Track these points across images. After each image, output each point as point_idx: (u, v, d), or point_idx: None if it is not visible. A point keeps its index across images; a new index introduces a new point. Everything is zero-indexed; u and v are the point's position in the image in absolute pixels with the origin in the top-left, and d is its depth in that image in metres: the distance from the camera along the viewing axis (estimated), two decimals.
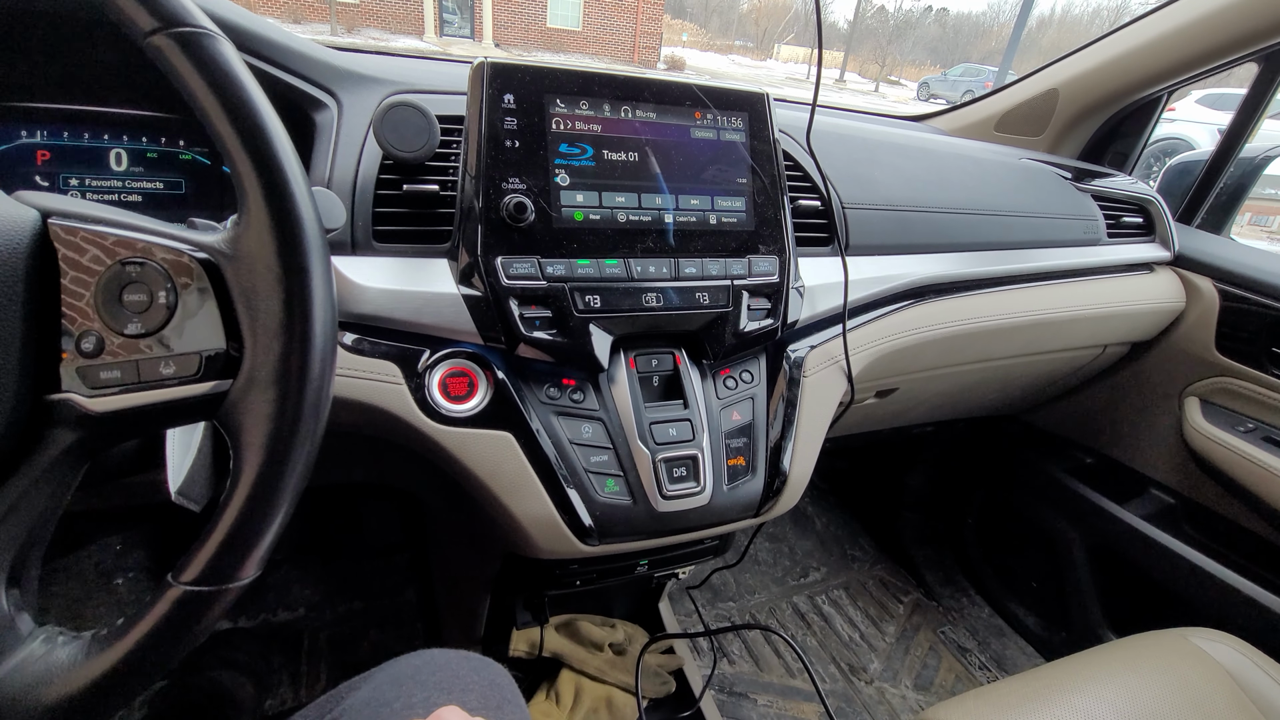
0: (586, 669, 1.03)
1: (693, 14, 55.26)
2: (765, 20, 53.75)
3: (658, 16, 19.88)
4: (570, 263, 0.62)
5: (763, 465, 0.71)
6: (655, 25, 19.80)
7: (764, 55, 45.03)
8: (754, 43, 50.93)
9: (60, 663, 0.34)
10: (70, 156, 0.67)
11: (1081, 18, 57.29)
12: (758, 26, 53.74)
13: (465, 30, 17.75)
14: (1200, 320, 1.16)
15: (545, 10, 18.33)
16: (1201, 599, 1.14)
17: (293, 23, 15.66)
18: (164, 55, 0.33)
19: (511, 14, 18.01)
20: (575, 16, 18.79)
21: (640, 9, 19.04)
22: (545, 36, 18.59)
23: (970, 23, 59.09)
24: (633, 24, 19.31)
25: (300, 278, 0.35)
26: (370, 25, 16.62)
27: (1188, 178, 1.30)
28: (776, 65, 39.77)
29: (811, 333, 0.78)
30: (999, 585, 1.60)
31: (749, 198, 0.70)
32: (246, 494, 0.35)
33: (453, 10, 17.52)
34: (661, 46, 21.42)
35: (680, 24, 47.07)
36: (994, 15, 58.45)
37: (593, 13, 18.89)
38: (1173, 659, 0.78)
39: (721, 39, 50.25)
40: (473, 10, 17.46)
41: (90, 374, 0.35)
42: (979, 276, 0.94)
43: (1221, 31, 1.05)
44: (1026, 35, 8.88)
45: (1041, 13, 55.83)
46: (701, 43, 44.69)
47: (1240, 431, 1.11)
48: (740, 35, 53.42)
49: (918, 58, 49.04)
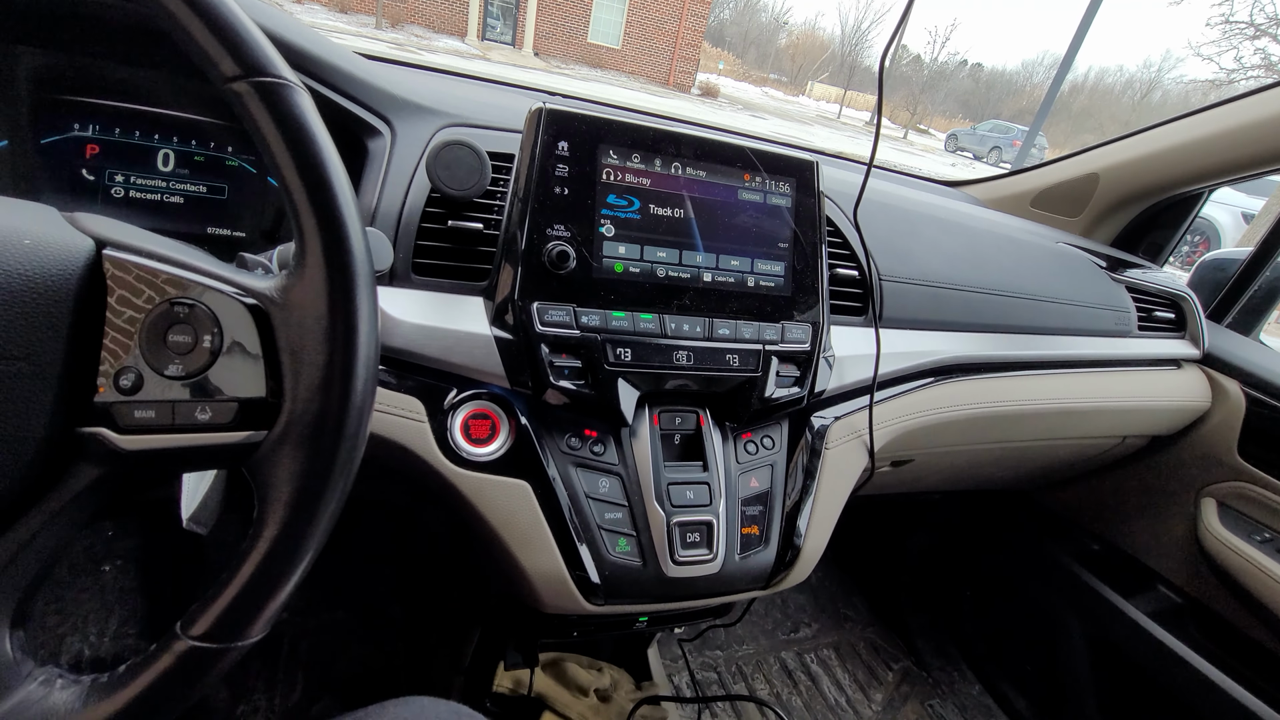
0: (569, 714, 1.00)
1: (731, 44, 56.10)
2: (801, 57, 54.47)
3: (697, 43, 20.16)
4: (605, 314, 0.61)
5: (776, 536, 0.69)
6: (694, 51, 20.07)
7: (797, 91, 45.56)
8: (788, 77, 51.57)
9: (57, 708, 0.33)
10: (118, 153, 0.67)
11: (1114, 86, 57.82)
12: (793, 62, 54.46)
13: (507, 37, 18.03)
14: (1225, 422, 1.14)
15: (587, 25, 18.62)
16: (1203, 707, 1.11)
17: (339, 13, 15.94)
18: (243, 101, 0.33)
19: (554, 25, 18.29)
20: (616, 35, 19.07)
21: (680, 34, 19.31)
22: (585, 51, 18.86)
23: (1003, 80, 59.73)
24: (672, 47, 19.58)
25: (348, 334, 0.35)
26: (414, 22, 16.90)
27: (1221, 274, 1.29)
28: (808, 101, 40.20)
29: (837, 403, 0.77)
30: (992, 662, 1.57)
31: (788, 263, 0.69)
32: (266, 550, 0.34)
33: (497, 15, 17.82)
34: (698, 73, 21.69)
35: (718, 52, 47.76)
36: (1027, 76, 59.10)
37: (634, 33, 19.17)
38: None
39: (757, 70, 50.90)
40: (516, 18, 17.76)
41: (124, 411, 0.34)
42: (1009, 360, 0.93)
43: (1269, 140, 1.05)
44: (1059, 98, 8.93)
45: (1075, 78, 56.34)
46: (737, 73, 45.25)
47: (1256, 540, 1.09)
48: (775, 69, 54.13)
49: (949, 109, 49.54)
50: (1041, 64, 58.64)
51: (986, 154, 22.15)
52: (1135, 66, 63.02)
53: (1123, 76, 58.79)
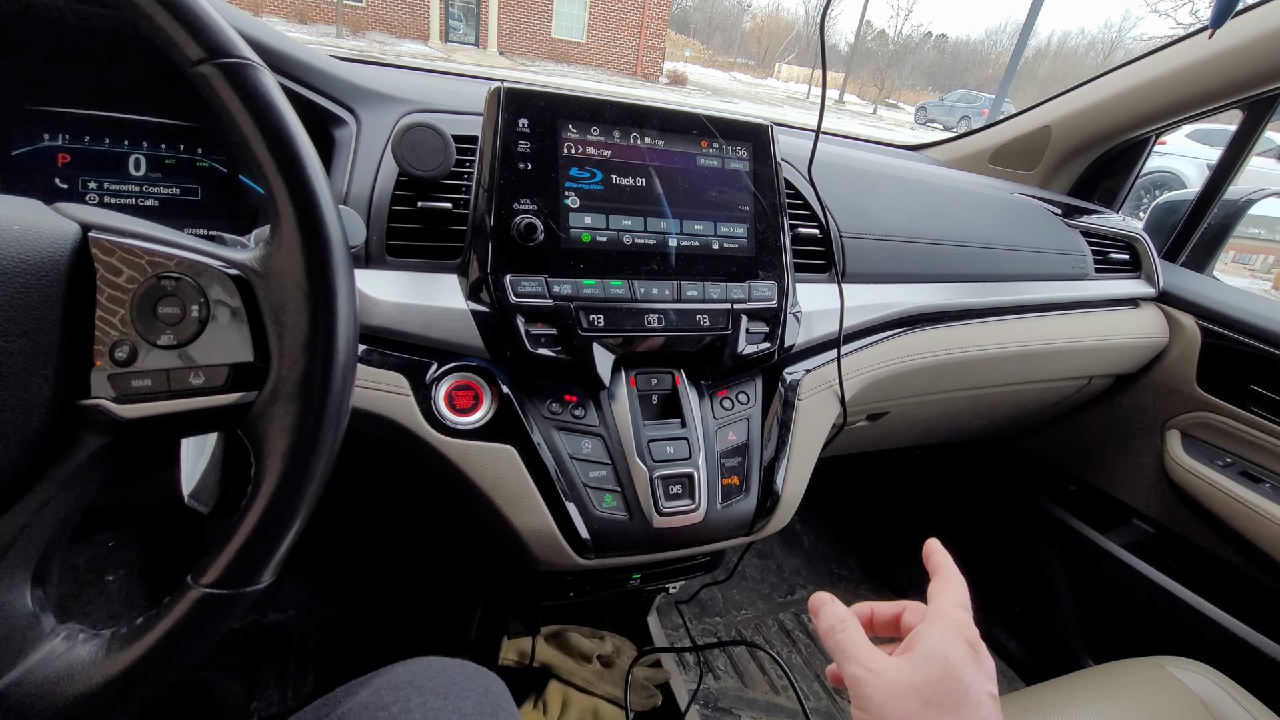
0: (574, 680, 1.04)
1: (696, 30, 55.90)
2: (767, 39, 54.43)
3: (661, 32, 20.10)
4: (576, 282, 0.63)
5: (756, 485, 0.73)
6: (659, 40, 20.01)
7: (765, 73, 45.56)
8: (755, 61, 51.53)
9: (81, 660, 0.35)
10: (90, 161, 0.68)
11: (1076, 50, 58.39)
12: (759, 45, 54.41)
13: (470, 37, 17.87)
14: (1182, 356, 1.19)
15: (550, 21, 18.51)
16: (1179, 628, 1.16)
17: (299, 23, 15.71)
18: (208, 84, 0.35)
19: (517, 22, 18.16)
20: (580, 28, 18.98)
21: (644, 24, 19.25)
22: (550, 47, 18.75)
23: (968, 50, 60.06)
24: (636, 38, 19.52)
25: (327, 296, 0.37)
26: (376, 29, 16.70)
27: (1174, 216, 1.34)
28: (777, 84, 40.20)
29: (807, 357, 0.80)
30: (982, 609, 1.62)
31: (750, 224, 0.72)
32: (267, 501, 0.37)
33: (458, 17, 17.65)
34: (664, 61, 21.64)
35: (683, 40, 47.60)
36: (991, 43, 59.46)
37: (598, 25, 19.08)
38: (1149, 687, 0.80)
39: (724, 56, 50.82)
40: (478, 18, 17.60)
41: (122, 382, 0.36)
42: (970, 307, 0.97)
43: (1209, 79, 1.09)
44: (1023, 65, 9.07)
45: (1038, 43, 56.89)
46: (704, 59, 45.17)
47: (1219, 465, 1.14)
48: (742, 53, 54.06)
49: (916, 82, 49.77)
50: (1004, 31, 59.02)
51: (956, 124, 22.30)
52: (1096, 28, 63.63)
53: (1085, 39, 59.43)
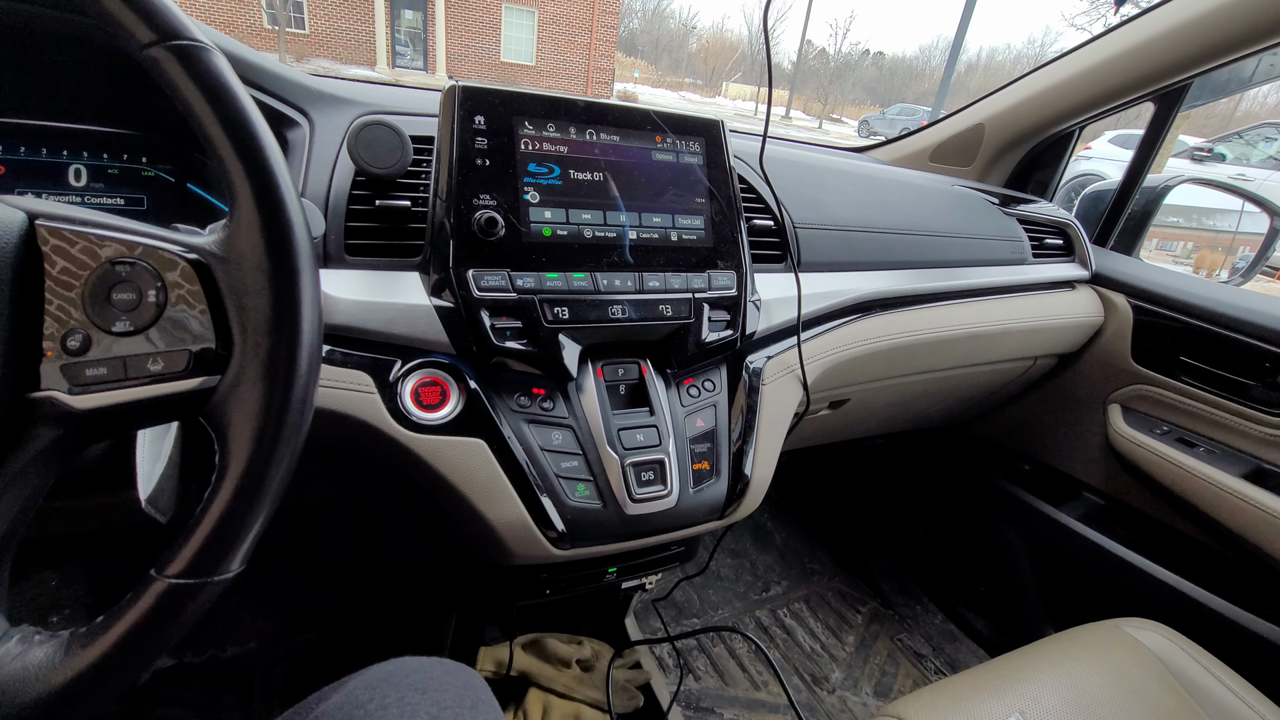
0: (554, 686, 1.02)
1: (644, 52, 56.90)
2: (713, 59, 55.75)
3: (610, 53, 20.38)
4: (539, 276, 0.64)
5: (726, 469, 0.74)
6: (608, 61, 20.28)
7: (713, 92, 46.56)
8: (703, 80, 52.66)
9: (37, 662, 0.33)
10: (28, 171, 0.66)
11: (1004, 63, 61.68)
12: (706, 65, 55.68)
13: (418, 62, 17.78)
14: (1117, 333, 1.27)
15: (499, 45, 18.56)
16: (1132, 591, 1.22)
17: None
18: (160, 67, 0.35)
19: (465, 47, 18.15)
20: (529, 51, 19.08)
21: (593, 45, 19.50)
22: (499, 70, 18.78)
23: (905, 66, 62.75)
24: (585, 59, 19.74)
25: (290, 277, 0.37)
26: (320, 55, 16.47)
27: (1100, 205, 1.42)
28: (725, 102, 41.13)
29: (768, 344, 0.82)
30: (950, 591, 1.67)
31: (707, 216, 0.74)
32: (234, 486, 0.36)
33: (405, 42, 17.55)
34: (615, 83, 21.93)
35: (632, 61, 48.35)
36: (926, 59, 62.28)
37: (546, 48, 19.23)
38: (1109, 647, 0.84)
39: (672, 76, 51.80)
40: (425, 42, 17.54)
41: (75, 371, 0.35)
42: (919, 292, 1.01)
43: (1122, 74, 1.17)
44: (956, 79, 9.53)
45: (969, 58, 59.95)
46: (653, 79, 45.95)
47: (1157, 434, 1.21)
48: (690, 73, 55.20)
49: (857, 97, 51.64)
50: (937, 48, 61.97)
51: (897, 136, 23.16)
52: (1021, 43, 67.50)
53: (1011, 54, 62.85)
